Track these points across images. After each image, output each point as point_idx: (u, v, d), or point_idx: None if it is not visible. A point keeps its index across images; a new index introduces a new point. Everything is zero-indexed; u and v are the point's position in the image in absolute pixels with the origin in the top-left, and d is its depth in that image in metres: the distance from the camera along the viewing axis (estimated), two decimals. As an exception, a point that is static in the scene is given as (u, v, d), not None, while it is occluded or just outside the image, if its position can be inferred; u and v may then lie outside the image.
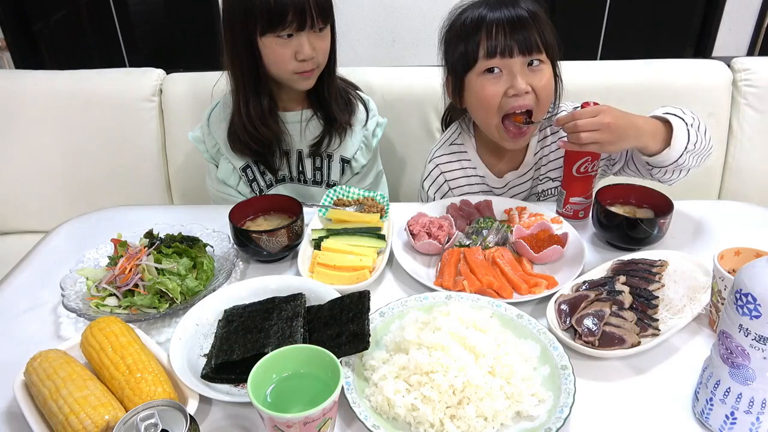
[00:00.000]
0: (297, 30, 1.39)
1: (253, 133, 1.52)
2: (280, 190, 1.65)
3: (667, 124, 1.25)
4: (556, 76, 1.39)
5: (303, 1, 1.35)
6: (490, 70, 1.30)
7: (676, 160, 1.26)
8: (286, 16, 1.35)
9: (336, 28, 1.50)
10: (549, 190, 1.54)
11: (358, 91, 1.69)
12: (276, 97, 1.56)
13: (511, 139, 1.37)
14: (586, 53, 2.87)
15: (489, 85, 1.31)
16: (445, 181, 1.54)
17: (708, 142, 1.31)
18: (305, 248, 1.29)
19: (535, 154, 1.51)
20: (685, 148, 1.24)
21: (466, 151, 1.53)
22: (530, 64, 1.30)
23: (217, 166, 1.63)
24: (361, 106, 1.66)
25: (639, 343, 0.99)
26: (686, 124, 1.25)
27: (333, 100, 1.57)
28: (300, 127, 1.59)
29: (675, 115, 1.27)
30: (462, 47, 1.33)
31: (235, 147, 1.57)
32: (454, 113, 1.56)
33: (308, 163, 1.63)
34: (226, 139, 1.57)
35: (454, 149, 1.54)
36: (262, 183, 1.62)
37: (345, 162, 1.63)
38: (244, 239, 1.24)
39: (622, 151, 1.17)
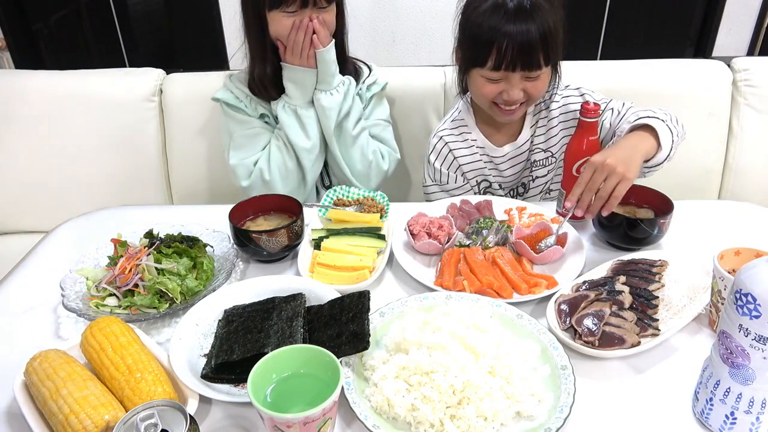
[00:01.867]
0: (301, 7, 1.46)
1: (264, 95, 1.64)
2: None
3: (647, 128, 1.31)
4: (556, 70, 1.48)
5: None
6: (493, 78, 1.41)
7: (669, 155, 1.32)
8: None
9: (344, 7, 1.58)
10: (541, 161, 1.61)
11: (365, 63, 1.77)
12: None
13: (501, 116, 1.49)
14: (586, 53, 2.87)
15: (488, 85, 1.43)
16: (450, 151, 1.60)
17: (682, 128, 1.40)
18: (305, 248, 1.29)
19: (530, 127, 1.60)
20: (672, 141, 1.31)
21: (467, 125, 1.61)
22: (529, 77, 1.40)
23: (246, 113, 1.68)
24: (366, 69, 1.75)
25: (639, 343, 0.99)
26: (662, 121, 1.32)
27: (344, 70, 1.64)
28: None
29: (648, 117, 1.33)
30: (473, 49, 1.41)
31: (267, 92, 1.64)
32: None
33: None
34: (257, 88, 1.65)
35: (456, 124, 1.62)
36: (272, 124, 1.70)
37: None
38: (244, 239, 1.24)
39: (637, 169, 1.24)
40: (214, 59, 2.73)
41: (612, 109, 1.50)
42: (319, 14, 1.50)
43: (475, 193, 1.64)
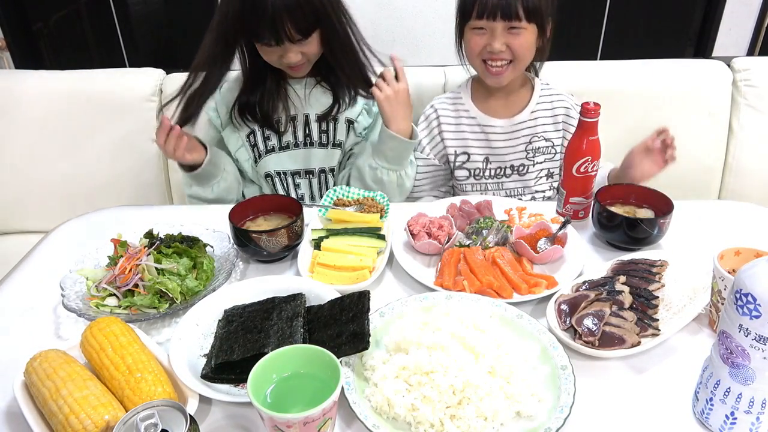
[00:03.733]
0: (277, 44, 1.48)
1: (266, 109, 1.64)
2: (282, 156, 1.70)
3: None
4: (543, 38, 1.55)
5: (277, 22, 1.41)
6: (479, 27, 1.52)
7: None
8: (262, 34, 1.46)
9: (342, 17, 1.57)
10: (542, 149, 1.68)
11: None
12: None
13: (490, 77, 1.58)
14: (586, 53, 2.87)
15: (475, 38, 1.54)
16: (437, 117, 1.69)
17: None
18: (305, 248, 1.29)
19: (532, 112, 1.67)
20: None
21: (461, 97, 1.71)
22: (511, 28, 1.49)
23: (219, 133, 1.72)
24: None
25: (639, 343, 0.99)
26: None
27: (343, 74, 1.65)
28: (304, 93, 1.68)
29: None
30: (463, 6, 1.55)
31: (243, 117, 1.66)
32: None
33: (315, 127, 1.70)
34: (235, 110, 1.67)
35: (451, 96, 1.73)
36: (261, 148, 1.69)
37: (350, 123, 1.70)
38: (244, 239, 1.24)
39: None
40: (214, 59, 2.73)
41: None
42: (301, 47, 1.50)
43: (450, 163, 1.70)
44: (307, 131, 1.70)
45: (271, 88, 1.63)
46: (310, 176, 1.73)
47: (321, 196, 1.73)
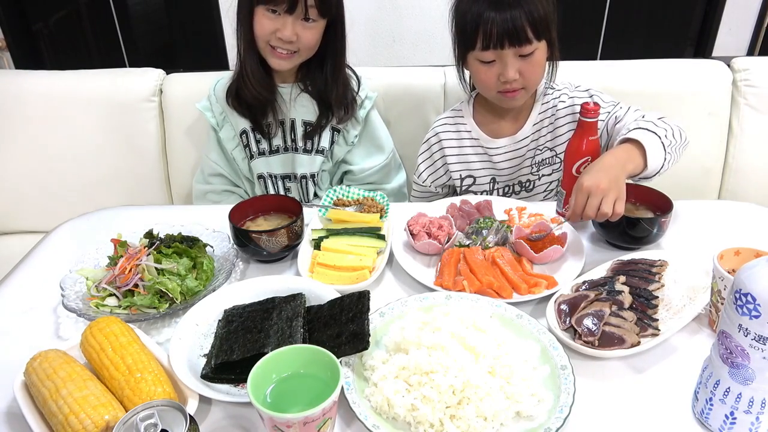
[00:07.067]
0: (286, 11, 1.45)
1: (252, 91, 1.60)
2: (271, 160, 1.71)
3: (639, 144, 1.28)
4: (552, 51, 1.45)
5: None
6: (487, 60, 1.42)
7: (659, 171, 1.31)
8: None
9: (345, 28, 1.58)
10: (547, 159, 1.60)
11: (353, 70, 1.74)
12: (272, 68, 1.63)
13: (507, 101, 1.49)
14: (586, 53, 2.87)
15: (484, 71, 1.44)
16: (439, 141, 1.62)
17: (683, 140, 1.39)
18: (305, 248, 1.29)
19: (534, 125, 1.58)
20: (664, 159, 1.30)
21: (463, 116, 1.63)
22: (521, 55, 1.39)
23: (217, 133, 1.72)
24: (355, 82, 1.73)
25: (639, 343, 0.99)
26: (658, 137, 1.29)
27: (336, 95, 1.64)
28: (289, 98, 1.67)
29: (646, 129, 1.30)
30: (462, 33, 1.43)
31: (234, 104, 1.66)
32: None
33: (300, 132, 1.70)
34: (227, 101, 1.67)
35: (452, 114, 1.65)
36: (254, 149, 1.70)
37: (335, 130, 1.70)
38: (244, 239, 1.24)
39: (622, 185, 1.22)
40: (214, 59, 2.74)
41: (615, 116, 1.48)
42: (302, 28, 1.48)
43: (457, 188, 1.65)
44: (292, 136, 1.69)
45: (261, 79, 1.60)
46: (296, 181, 1.74)
47: (308, 202, 1.73)
